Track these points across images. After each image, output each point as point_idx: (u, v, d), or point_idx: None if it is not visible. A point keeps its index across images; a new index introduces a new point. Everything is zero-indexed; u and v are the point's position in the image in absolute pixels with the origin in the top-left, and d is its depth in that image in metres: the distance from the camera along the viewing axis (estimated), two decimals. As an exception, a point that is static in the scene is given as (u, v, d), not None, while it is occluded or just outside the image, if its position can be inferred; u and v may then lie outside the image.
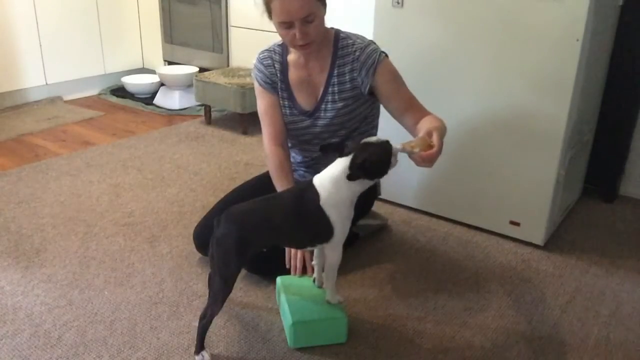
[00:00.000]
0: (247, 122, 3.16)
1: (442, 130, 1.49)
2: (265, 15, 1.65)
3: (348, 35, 1.75)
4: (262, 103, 1.83)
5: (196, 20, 3.57)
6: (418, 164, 1.41)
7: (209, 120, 3.33)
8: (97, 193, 2.41)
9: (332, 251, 1.46)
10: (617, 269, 1.95)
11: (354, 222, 1.98)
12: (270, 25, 1.67)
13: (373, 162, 1.34)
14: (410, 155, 1.40)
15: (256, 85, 1.84)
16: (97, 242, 2.03)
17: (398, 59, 1.77)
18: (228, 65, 3.50)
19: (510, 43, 1.89)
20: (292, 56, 1.79)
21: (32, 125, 3.24)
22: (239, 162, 2.77)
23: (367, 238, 2.06)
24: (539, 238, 2.04)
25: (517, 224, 2.07)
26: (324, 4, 1.63)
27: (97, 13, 3.78)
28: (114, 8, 3.86)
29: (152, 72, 3.99)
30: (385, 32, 2.11)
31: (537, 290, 1.81)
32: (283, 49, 1.80)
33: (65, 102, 3.73)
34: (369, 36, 1.86)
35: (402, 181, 2.26)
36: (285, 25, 1.60)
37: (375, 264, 1.93)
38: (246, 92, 3.04)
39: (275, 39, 1.76)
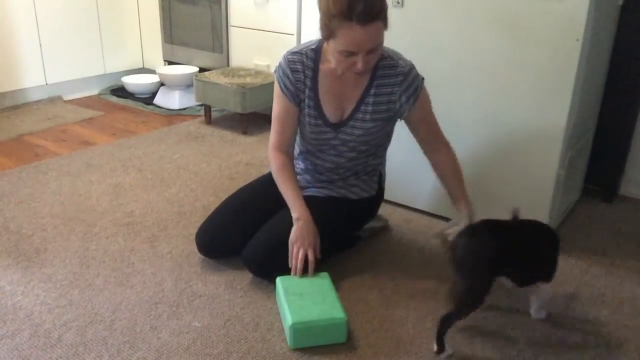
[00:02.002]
0: (247, 122, 3.16)
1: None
2: (320, 34, 1.56)
3: (390, 55, 1.68)
4: (277, 107, 1.75)
5: (196, 20, 3.56)
6: None
7: (209, 120, 3.33)
8: (97, 193, 2.41)
9: (547, 289, 1.62)
10: (617, 269, 1.95)
11: (362, 226, 1.99)
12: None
13: None
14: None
15: (276, 86, 1.74)
16: (97, 242, 2.03)
17: (398, 59, 1.76)
18: (228, 65, 3.49)
19: (510, 43, 1.89)
20: (326, 65, 1.69)
21: (32, 125, 3.24)
22: (239, 162, 2.77)
23: (368, 239, 2.06)
24: (539, 238, 2.04)
25: (517, 224, 2.06)
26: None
27: (97, 13, 3.78)
28: (114, 8, 3.86)
29: (152, 72, 3.99)
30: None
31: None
32: (316, 55, 1.69)
33: (65, 102, 3.73)
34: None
35: (403, 181, 2.26)
36: (347, 53, 1.51)
37: (375, 264, 1.93)
38: (246, 92, 3.04)
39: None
